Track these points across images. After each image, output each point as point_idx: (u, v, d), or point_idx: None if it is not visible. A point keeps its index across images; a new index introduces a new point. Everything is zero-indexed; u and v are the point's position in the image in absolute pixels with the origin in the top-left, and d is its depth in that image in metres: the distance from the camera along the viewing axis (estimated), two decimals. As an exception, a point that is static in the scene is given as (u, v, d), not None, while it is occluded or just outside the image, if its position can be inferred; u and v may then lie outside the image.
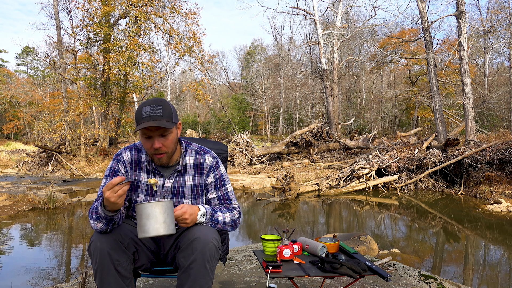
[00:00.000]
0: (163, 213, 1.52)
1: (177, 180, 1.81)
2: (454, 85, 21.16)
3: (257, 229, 6.64)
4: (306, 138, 15.50)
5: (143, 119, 1.64)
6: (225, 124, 39.32)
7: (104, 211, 1.58)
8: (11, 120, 37.54)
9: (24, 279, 3.91)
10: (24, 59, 45.41)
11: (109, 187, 1.50)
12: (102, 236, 1.61)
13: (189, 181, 1.82)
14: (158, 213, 1.51)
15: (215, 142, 2.38)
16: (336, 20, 21.94)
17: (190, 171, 1.83)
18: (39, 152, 15.45)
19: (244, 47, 56.54)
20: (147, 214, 1.51)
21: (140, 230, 1.52)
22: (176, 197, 1.81)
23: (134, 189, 1.81)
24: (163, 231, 1.51)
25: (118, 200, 1.51)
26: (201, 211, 1.69)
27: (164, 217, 1.52)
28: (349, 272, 1.86)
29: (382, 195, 9.20)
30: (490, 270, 4.48)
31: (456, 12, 11.88)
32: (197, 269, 1.54)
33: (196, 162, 1.84)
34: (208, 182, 1.84)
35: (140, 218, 1.52)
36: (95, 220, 1.62)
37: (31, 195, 7.93)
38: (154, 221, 1.50)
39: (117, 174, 1.79)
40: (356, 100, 36.97)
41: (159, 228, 1.50)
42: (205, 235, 1.60)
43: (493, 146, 9.06)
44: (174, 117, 1.71)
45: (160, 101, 1.69)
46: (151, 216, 1.50)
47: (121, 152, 1.86)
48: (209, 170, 1.84)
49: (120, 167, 1.82)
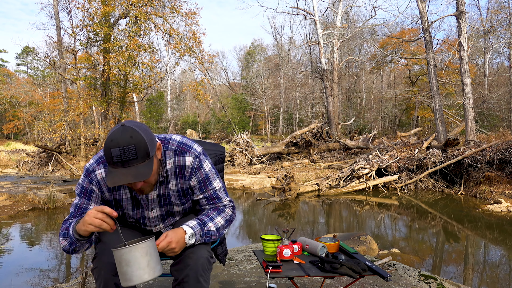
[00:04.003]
0: (145, 255, 1.34)
1: (161, 188, 1.65)
2: (454, 85, 21.16)
3: (257, 229, 6.64)
4: (306, 138, 15.50)
5: (114, 164, 1.40)
6: (225, 124, 39.32)
7: (74, 232, 1.48)
8: (11, 120, 37.53)
9: (24, 279, 3.91)
10: (24, 59, 45.41)
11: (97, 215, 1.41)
12: (104, 263, 1.51)
13: (173, 186, 1.66)
14: (139, 257, 1.33)
15: (212, 144, 2.38)
16: (336, 20, 21.94)
17: (172, 175, 1.65)
18: (39, 152, 15.45)
19: (244, 47, 56.52)
20: (127, 260, 1.32)
21: (122, 279, 1.34)
22: (164, 206, 1.70)
23: (118, 206, 1.68)
24: (147, 276, 1.35)
25: (96, 229, 1.42)
26: (187, 233, 1.52)
27: (147, 260, 1.34)
28: (349, 272, 1.86)
29: (382, 195, 9.20)
30: (490, 270, 4.48)
31: (456, 12, 11.88)
32: (191, 283, 1.51)
33: (176, 165, 1.64)
34: (191, 185, 1.68)
35: (120, 266, 1.33)
36: (62, 237, 1.56)
37: (31, 195, 7.93)
38: (136, 268, 1.33)
39: (90, 196, 1.62)
40: (356, 100, 36.96)
41: (143, 275, 1.34)
42: (197, 248, 1.54)
43: (493, 146, 9.06)
44: (151, 149, 1.44)
45: (130, 137, 1.39)
46: (132, 263, 1.32)
47: (92, 168, 1.61)
48: (191, 173, 1.65)
49: (94, 188, 1.62)
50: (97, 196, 1.63)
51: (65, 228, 1.55)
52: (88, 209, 1.62)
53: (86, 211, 1.59)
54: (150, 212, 1.70)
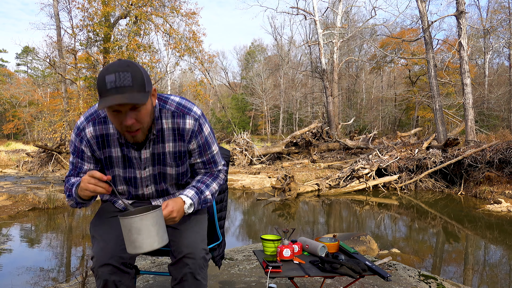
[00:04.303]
0: (155, 224, 1.36)
1: (155, 148, 1.58)
2: (454, 85, 21.16)
3: (257, 229, 6.64)
4: (306, 138, 15.50)
5: (107, 91, 1.33)
6: (225, 124, 39.31)
7: (77, 195, 1.52)
8: (11, 120, 37.53)
9: (24, 279, 3.91)
10: (24, 59, 45.40)
11: (90, 180, 1.43)
12: (102, 262, 1.51)
13: (169, 147, 1.60)
14: (149, 226, 1.35)
15: None
16: (336, 20, 21.94)
17: (169, 136, 1.58)
18: (39, 152, 15.45)
19: (244, 47, 56.54)
20: (138, 229, 1.34)
21: (130, 246, 1.36)
22: (158, 165, 1.62)
23: (107, 166, 1.63)
24: (157, 244, 1.37)
25: (93, 194, 1.46)
26: (187, 203, 1.57)
27: (156, 228, 1.36)
28: (349, 272, 1.86)
29: (382, 195, 9.20)
30: (490, 270, 4.48)
31: (456, 12, 11.88)
32: (190, 281, 1.55)
33: (175, 127, 1.57)
34: (191, 148, 1.63)
35: (130, 234, 1.35)
36: (67, 197, 1.60)
37: (31, 195, 7.93)
38: (146, 236, 1.35)
39: (82, 155, 1.60)
40: (356, 100, 36.96)
41: (153, 243, 1.36)
42: (194, 248, 1.56)
43: (493, 146, 9.06)
44: (148, 84, 1.40)
45: (127, 66, 1.36)
46: (142, 231, 1.34)
47: (83, 127, 1.57)
48: (191, 136, 1.60)
49: (84, 148, 1.59)
50: (88, 156, 1.61)
51: (68, 189, 1.59)
52: (83, 168, 1.63)
53: (82, 170, 1.63)
54: (143, 171, 1.63)
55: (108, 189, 1.45)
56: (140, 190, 1.69)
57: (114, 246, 1.53)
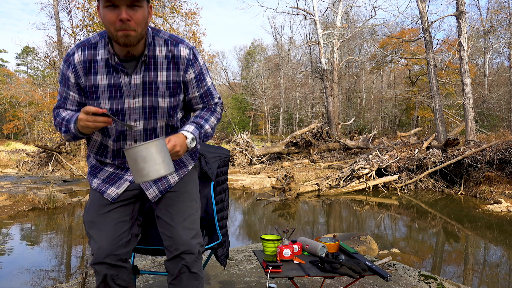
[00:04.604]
0: (160, 152, 1.39)
1: (147, 75, 1.52)
2: (454, 85, 21.17)
3: (257, 229, 6.64)
4: (306, 138, 15.50)
5: None
6: (225, 124, 39.32)
7: (78, 131, 1.48)
8: (11, 120, 37.53)
9: (24, 279, 3.91)
10: (24, 59, 45.41)
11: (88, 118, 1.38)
12: (99, 260, 1.56)
13: (163, 76, 1.54)
14: (155, 153, 1.38)
15: (217, 147, 2.38)
16: (336, 20, 21.94)
17: (163, 65, 1.53)
18: (39, 152, 15.45)
19: (244, 47, 56.57)
20: (143, 157, 1.37)
21: (138, 175, 1.39)
22: (149, 96, 1.54)
23: (93, 96, 1.53)
24: (164, 171, 1.39)
25: (95, 129, 1.43)
26: (188, 137, 1.53)
27: (162, 156, 1.39)
28: (349, 272, 1.86)
29: (382, 195, 9.20)
30: (490, 270, 4.48)
31: (456, 12, 11.88)
32: (187, 276, 1.61)
33: (169, 55, 1.54)
34: (187, 79, 1.59)
35: (136, 163, 1.38)
36: (63, 133, 1.55)
37: (31, 195, 7.93)
38: (152, 163, 1.38)
39: (68, 83, 1.55)
40: (356, 100, 36.97)
41: (159, 170, 1.39)
42: (190, 245, 1.60)
43: (493, 146, 9.06)
44: None
45: None
46: (148, 159, 1.37)
47: (72, 52, 1.53)
48: (187, 65, 1.56)
49: (69, 74, 1.53)
50: (73, 84, 1.54)
51: (63, 125, 1.53)
52: (68, 98, 1.58)
53: (68, 99, 1.58)
54: (132, 100, 1.53)
55: (108, 121, 1.41)
56: (128, 124, 1.58)
57: (110, 245, 1.57)
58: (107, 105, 1.53)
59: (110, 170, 1.67)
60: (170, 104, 1.58)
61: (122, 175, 1.65)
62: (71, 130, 1.50)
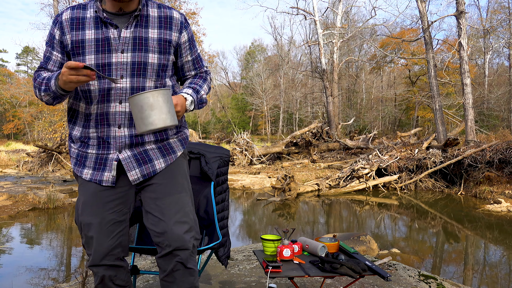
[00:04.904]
0: (167, 102, 1.36)
1: (138, 31, 1.50)
2: (454, 85, 21.17)
3: (257, 229, 6.64)
4: (306, 138, 15.50)
5: None
6: (225, 124, 39.33)
7: (59, 88, 1.42)
8: (11, 120, 37.54)
9: (24, 279, 3.91)
10: (24, 59, 45.42)
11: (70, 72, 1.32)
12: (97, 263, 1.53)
13: (154, 34, 1.52)
14: (162, 103, 1.35)
15: (217, 147, 2.38)
16: (336, 20, 21.95)
17: (154, 23, 1.54)
18: (39, 152, 15.45)
19: (244, 47, 56.57)
20: (150, 104, 1.33)
21: (142, 123, 1.35)
22: (138, 51, 1.49)
23: (79, 51, 1.48)
24: (170, 121, 1.36)
25: (78, 85, 1.37)
26: (188, 100, 1.55)
27: (168, 106, 1.37)
28: (349, 272, 1.86)
29: (382, 195, 9.20)
30: (490, 270, 4.48)
31: (456, 12, 11.88)
32: (182, 271, 1.53)
33: (162, 15, 1.55)
34: (182, 41, 1.59)
35: (141, 110, 1.34)
36: (43, 92, 1.47)
37: (31, 195, 7.93)
38: (159, 112, 1.34)
39: (53, 42, 1.52)
40: (356, 100, 36.97)
41: (166, 119, 1.35)
42: (183, 241, 1.50)
43: (493, 146, 9.06)
44: None
45: None
46: (155, 106, 1.34)
47: (61, 12, 1.54)
48: (181, 27, 1.58)
49: (56, 31, 1.51)
50: (57, 42, 1.51)
51: (43, 83, 1.47)
52: (51, 57, 1.54)
53: (50, 59, 1.54)
54: (120, 54, 1.48)
55: (91, 74, 1.34)
56: (113, 81, 1.49)
57: (107, 246, 1.54)
58: (92, 60, 1.47)
59: (93, 152, 1.57)
60: (159, 61, 1.54)
61: (106, 155, 1.55)
62: (51, 87, 1.43)
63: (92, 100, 1.51)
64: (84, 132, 1.56)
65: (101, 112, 1.52)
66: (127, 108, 1.51)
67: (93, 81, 1.48)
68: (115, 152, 1.53)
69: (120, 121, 1.52)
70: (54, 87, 1.42)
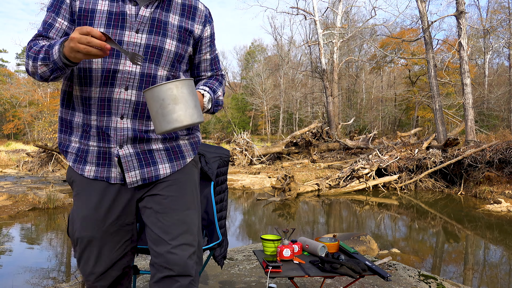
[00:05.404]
0: (192, 94, 1.15)
1: (158, 12, 1.33)
2: (454, 85, 21.18)
3: (257, 229, 6.64)
4: (306, 138, 15.50)
5: None
6: (225, 124, 39.34)
7: (61, 56, 1.15)
8: (11, 120, 37.56)
9: (24, 279, 3.91)
10: (24, 59, 45.40)
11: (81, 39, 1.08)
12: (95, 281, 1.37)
13: (175, 20, 1.36)
14: (187, 95, 1.13)
15: (217, 147, 2.38)
16: (336, 20, 21.95)
17: (177, 10, 1.38)
18: (39, 152, 15.46)
19: (244, 47, 56.59)
20: (174, 97, 1.11)
21: (164, 121, 1.12)
22: (155, 34, 1.31)
23: (86, 22, 1.28)
24: (197, 118, 1.15)
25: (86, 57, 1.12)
26: (206, 96, 1.37)
27: (194, 99, 1.15)
28: (349, 272, 1.86)
29: (382, 195, 9.20)
30: (490, 270, 4.48)
31: (456, 12, 11.88)
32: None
33: (186, 3, 1.40)
34: (204, 35, 1.44)
35: (163, 105, 1.11)
36: (40, 61, 1.20)
37: (31, 195, 7.93)
38: (184, 106, 1.12)
39: (60, 7, 1.31)
40: (356, 100, 36.99)
41: (193, 115, 1.13)
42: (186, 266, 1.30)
43: (493, 146, 9.06)
44: None
45: None
46: (180, 99, 1.12)
47: None
48: (205, 20, 1.43)
49: None
50: (65, 8, 1.30)
51: (40, 51, 1.21)
52: (53, 25, 1.30)
53: (52, 27, 1.30)
54: (134, 34, 1.29)
55: (105, 47, 1.11)
56: (121, 64, 1.29)
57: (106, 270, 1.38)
58: None
59: (95, 145, 1.34)
60: (177, 50, 1.36)
61: (108, 149, 1.33)
62: (52, 55, 1.17)
63: (91, 81, 1.30)
64: (86, 119, 1.33)
65: (102, 97, 1.30)
66: (134, 96, 1.30)
67: (96, 59, 1.28)
68: (115, 146, 1.32)
69: (123, 111, 1.30)
70: (58, 55, 1.16)
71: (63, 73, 1.22)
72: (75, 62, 1.17)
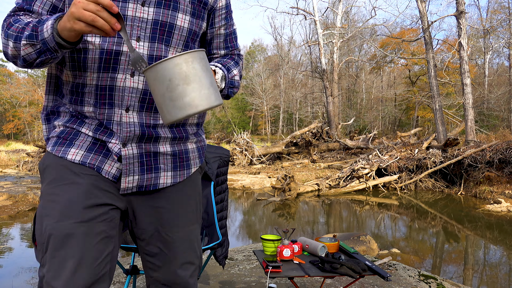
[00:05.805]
0: (206, 70, 0.90)
1: None
2: (454, 85, 21.19)
3: (257, 229, 6.64)
4: (306, 138, 15.50)
5: None
6: (225, 124, 39.35)
7: (55, 33, 0.91)
8: (11, 120, 37.56)
9: (24, 279, 3.91)
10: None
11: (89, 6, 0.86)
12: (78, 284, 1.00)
13: None
14: (200, 70, 0.88)
15: (217, 147, 2.39)
16: (336, 20, 21.95)
17: None
18: (39, 152, 15.46)
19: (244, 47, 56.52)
20: (185, 75, 0.86)
21: (174, 106, 0.87)
22: (165, 7, 1.08)
23: None
24: (215, 99, 0.89)
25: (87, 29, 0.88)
26: (218, 74, 1.13)
27: (209, 77, 0.90)
28: (349, 272, 1.86)
29: (382, 195, 9.20)
30: (490, 270, 4.49)
31: (456, 12, 11.88)
32: None
33: None
34: (217, 6, 1.21)
35: (170, 87, 0.86)
36: (24, 39, 0.95)
37: (31, 195, 7.94)
38: (198, 85, 0.87)
39: None
40: (356, 100, 36.99)
41: (209, 95, 0.88)
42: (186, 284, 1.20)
43: (493, 146, 9.07)
44: None
45: None
46: (191, 78, 0.86)
47: None
48: None
49: None
50: None
51: (25, 28, 0.96)
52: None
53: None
54: (140, 7, 1.06)
55: (115, 26, 0.89)
56: (125, 44, 1.06)
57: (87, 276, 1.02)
58: None
59: (90, 134, 1.09)
60: (191, 26, 1.14)
61: (107, 143, 1.09)
62: (42, 33, 0.93)
63: (86, 65, 1.05)
64: (76, 108, 1.10)
65: (102, 85, 1.06)
66: (141, 83, 1.07)
67: (93, 38, 1.04)
68: (117, 143, 1.08)
69: (129, 102, 1.07)
70: (50, 31, 0.92)
71: (54, 57, 0.97)
72: (72, 43, 0.93)
